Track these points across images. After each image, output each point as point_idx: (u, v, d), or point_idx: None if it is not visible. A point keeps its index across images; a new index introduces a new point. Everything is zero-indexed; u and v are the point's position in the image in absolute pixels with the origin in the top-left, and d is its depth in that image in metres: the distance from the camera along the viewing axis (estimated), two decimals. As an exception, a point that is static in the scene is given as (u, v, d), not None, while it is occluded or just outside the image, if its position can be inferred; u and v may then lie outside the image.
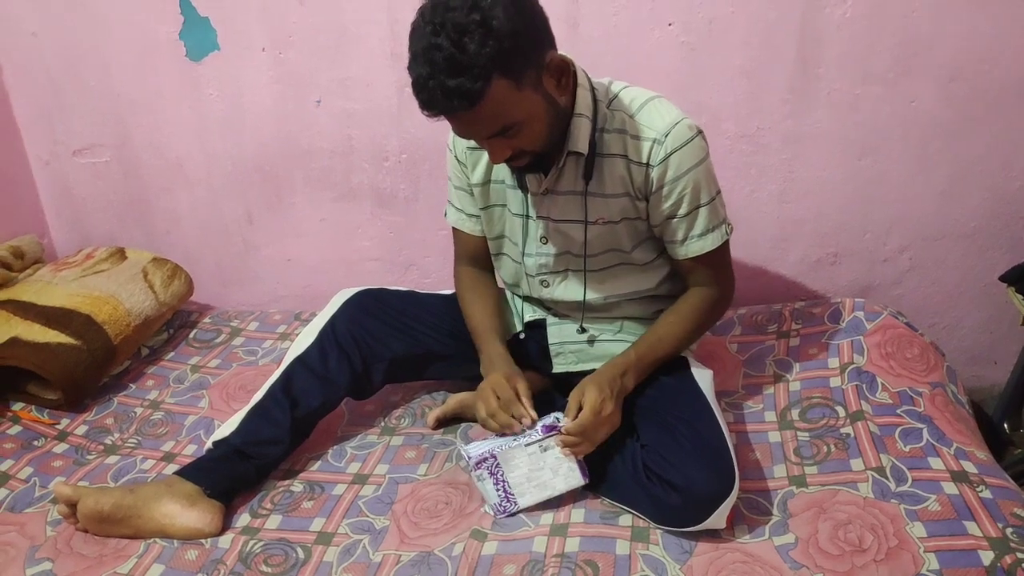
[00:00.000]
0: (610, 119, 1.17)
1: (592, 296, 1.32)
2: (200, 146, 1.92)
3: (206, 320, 1.94)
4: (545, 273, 1.33)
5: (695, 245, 1.23)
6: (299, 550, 1.19)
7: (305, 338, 1.45)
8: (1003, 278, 1.57)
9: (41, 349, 1.57)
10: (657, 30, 1.61)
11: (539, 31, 1.05)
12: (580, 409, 1.17)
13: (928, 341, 1.53)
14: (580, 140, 1.16)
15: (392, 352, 1.42)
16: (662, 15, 1.59)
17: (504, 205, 1.31)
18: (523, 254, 1.32)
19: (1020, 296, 1.52)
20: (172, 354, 1.82)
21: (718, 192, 1.23)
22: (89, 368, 1.60)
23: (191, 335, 1.88)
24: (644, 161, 1.17)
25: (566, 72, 1.10)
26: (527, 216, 1.28)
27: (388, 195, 1.89)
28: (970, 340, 1.84)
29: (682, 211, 1.20)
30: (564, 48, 1.62)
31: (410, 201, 1.89)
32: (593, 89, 1.18)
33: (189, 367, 1.75)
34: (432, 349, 1.45)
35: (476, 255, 1.42)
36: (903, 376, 1.41)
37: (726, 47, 1.60)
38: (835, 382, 1.44)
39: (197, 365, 1.76)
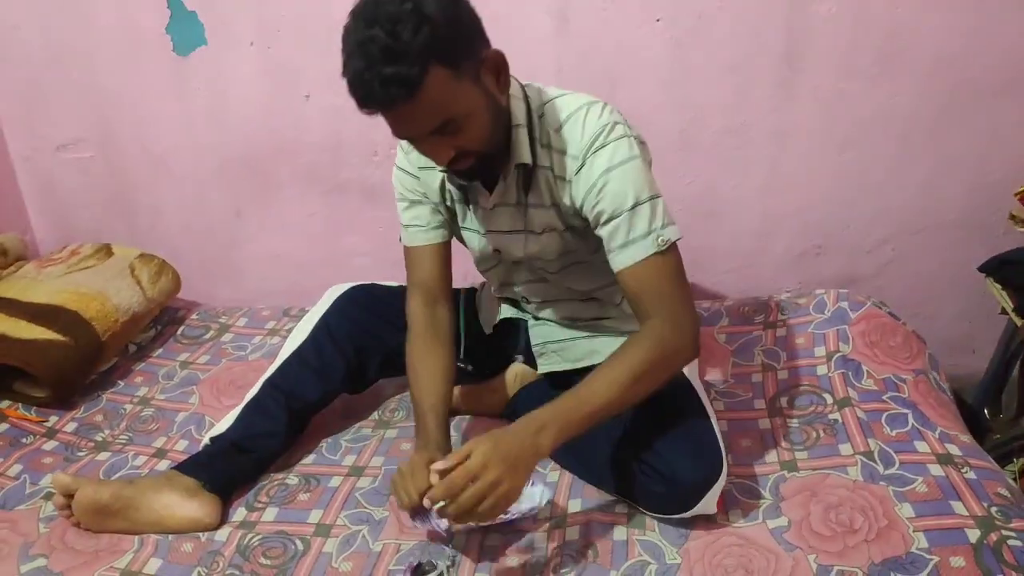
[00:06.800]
0: (541, 131, 1.13)
1: (556, 294, 1.32)
2: (187, 141, 1.91)
3: (194, 317, 1.93)
4: (507, 282, 1.34)
5: (622, 256, 1.10)
6: (298, 542, 1.19)
7: (299, 334, 1.46)
8: (981, 268, 1.60)
9: (27, 346, 1.55)
10: (646, 25, 1.63)
11: (473, 24, 1.02)
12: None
13: (910, 330, 1.57)
14: (523, 151, 1.12)
15: (386, 346, 1.43)
16: (651, 10, 1.61)
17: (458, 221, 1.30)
18: (486, 266, 1.34)
19: (998, 286, 1.56)
20: (160, 351, 1.81)
21: (651, 198, 1.09)
22: (77, 365, 1.59)
23: (179, 332, 1.87)
24: (567, 177, 1.12)
25: (504, 69, 1.06)
26: (478, 232, 1.26)
27: (377, 190, 1.89)
28: (950, 329, 1.89)
29: (604, 217, 1.10)
30: (552, 43, 1.67)
31: (399, 196, 1.89)
32: (526, 98, 1.14)
33: (178, 363, 1.74)
34: None
35: (431, 280, 1.30)
36: (887, 364, 1.45)
37: (713, 42, 1.62)
38: (822, 370, 1.47)
39: (186, 361, 1.75)
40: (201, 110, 1.86)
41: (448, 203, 1.27)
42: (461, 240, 1.34)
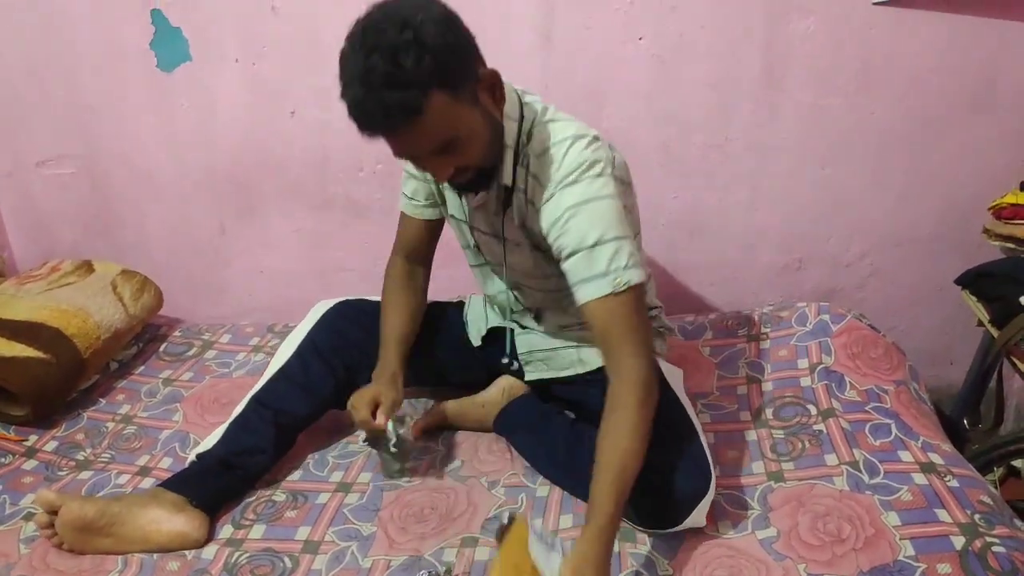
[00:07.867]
0: (524, 153, 1.15)
1: (543, 302, 1.36)
2: (171, 157, 1.90)
3: (176, 333, 1.90)
4: (482, 269, 1.39)
5: (580, 292, 1.09)
6: (286, 559, 1.18)
7: (284, 352, 1.46)
8: (958, 281, 1.64)
9: (7, 363, 1.53)
10: (629, 43, 1.65)
11: (470, 47, 1.04)
12: None
13: (890, 342, 1.60)
14: (506, 173, 1.16)
15: (373, 362, 1.40)
16: (634, 29, 1.64)
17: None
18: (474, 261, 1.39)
19: (974, 298, 1.59)
20: (142, 368, 1.78)
21: (616, 238, 1.07)
22: (58, 382, 1.56)
23: (161, 349, 1.85)
24: (537, 205, 1.14)
25: (499, 86, 1.08)
26: (463, 221, 1.31)
27: (363, 205, 1.90)
28: (928, 341, 1.92)
29: (565, 252, 1.10)
30: (538, 60, 1.69)
31: (385, 211, 1.89)
32: (521, 119, 1.15)
33: (161, 380, 1.72)
34: (412, 357, 1.45)
35: (414, 245, 1.41)
36: (869, 375, 1.47)
37: (695, 60, 1.65)
38: (805, 382, 1.49)
39: (170, 379, 1.73)
40: (186, 126, 1.86)
41: (438, 186, 1.31)
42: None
